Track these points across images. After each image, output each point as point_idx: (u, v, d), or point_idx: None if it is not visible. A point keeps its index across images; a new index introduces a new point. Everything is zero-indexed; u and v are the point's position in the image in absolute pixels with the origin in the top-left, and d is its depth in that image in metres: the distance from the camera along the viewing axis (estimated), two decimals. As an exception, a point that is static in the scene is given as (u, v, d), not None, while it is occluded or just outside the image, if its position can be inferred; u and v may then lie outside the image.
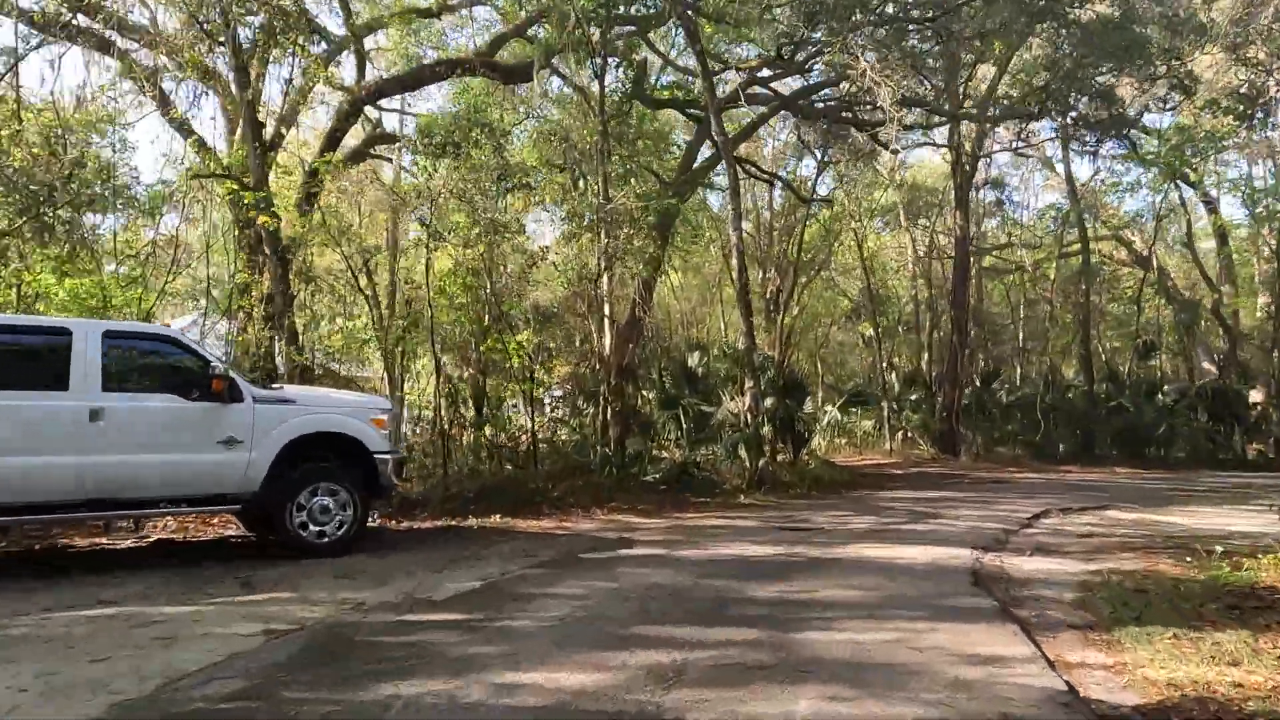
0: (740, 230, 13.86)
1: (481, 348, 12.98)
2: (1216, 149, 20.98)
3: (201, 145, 13.26)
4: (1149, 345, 22.75)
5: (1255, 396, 21.89)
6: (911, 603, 5.63)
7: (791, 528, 9.37)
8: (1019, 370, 26.89)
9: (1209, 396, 20.76)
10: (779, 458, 15.55)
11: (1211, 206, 25.60)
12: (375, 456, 7.49)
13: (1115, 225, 26.26)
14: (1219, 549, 7.07)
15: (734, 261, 14.32)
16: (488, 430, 12.84)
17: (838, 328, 38.71)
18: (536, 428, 13.07)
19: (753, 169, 18.45)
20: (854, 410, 17.29)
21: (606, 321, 13.62)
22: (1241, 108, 20.32)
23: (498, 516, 9.98)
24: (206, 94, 13.54)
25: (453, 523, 9.63)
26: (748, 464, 13.54)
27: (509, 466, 12.59)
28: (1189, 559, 7.05)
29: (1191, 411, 20.72)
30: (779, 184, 19.35)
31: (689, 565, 6.96)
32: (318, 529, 7.20)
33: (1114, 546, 8.22)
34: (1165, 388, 21.79)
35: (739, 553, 7.61)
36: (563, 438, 14.60)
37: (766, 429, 14.68)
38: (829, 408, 17.05)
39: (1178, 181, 23.29)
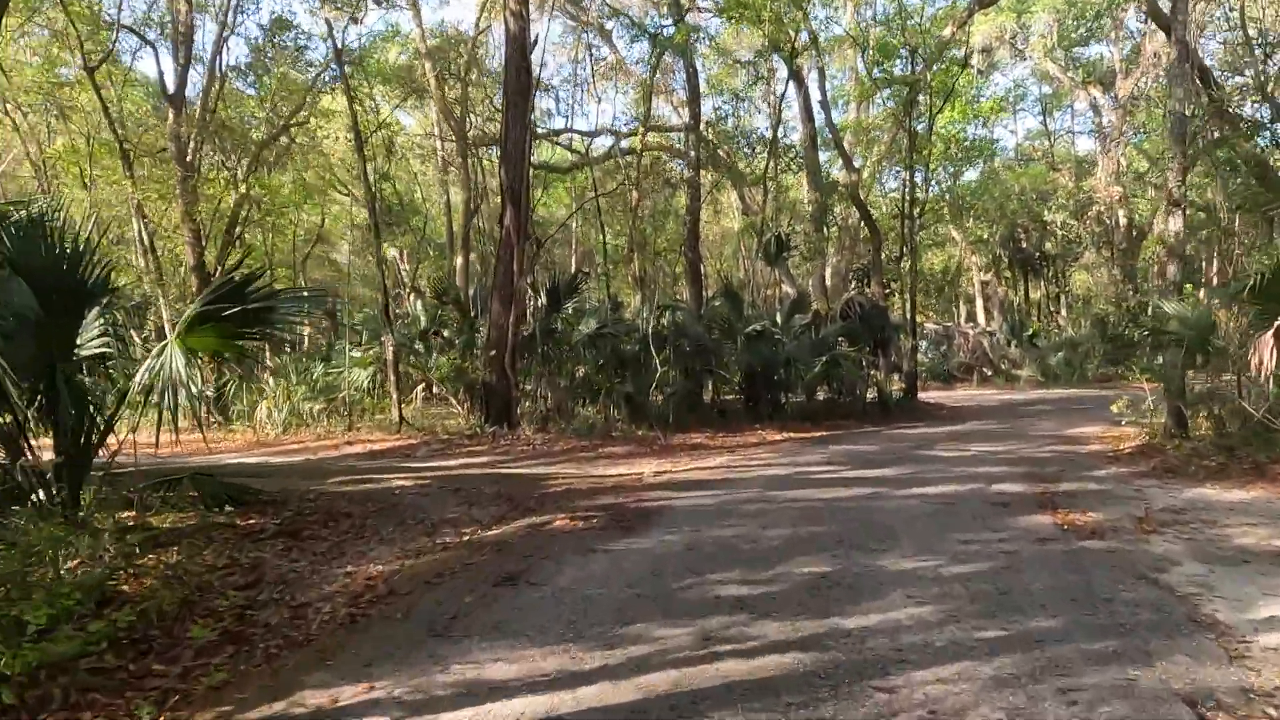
0: None
1: None
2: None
3: None
4: (781, 242, 15.72)
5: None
6: None
7: None
8: (602, 289, 18.19)
9: (857, 314, 14.38)
10: None
11: (799, 80, 20.13)
12: None
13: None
14: None
15: None
16: None
17: (346, 246, 27.48)
18: None
19: None
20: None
21: None
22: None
23: None
24: None
25: None
26: None
27: None
28: None
29: (838, 338, 14.08)
30: None
31: None
32: None
33: None
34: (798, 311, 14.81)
35: None
36: None
37: None
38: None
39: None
